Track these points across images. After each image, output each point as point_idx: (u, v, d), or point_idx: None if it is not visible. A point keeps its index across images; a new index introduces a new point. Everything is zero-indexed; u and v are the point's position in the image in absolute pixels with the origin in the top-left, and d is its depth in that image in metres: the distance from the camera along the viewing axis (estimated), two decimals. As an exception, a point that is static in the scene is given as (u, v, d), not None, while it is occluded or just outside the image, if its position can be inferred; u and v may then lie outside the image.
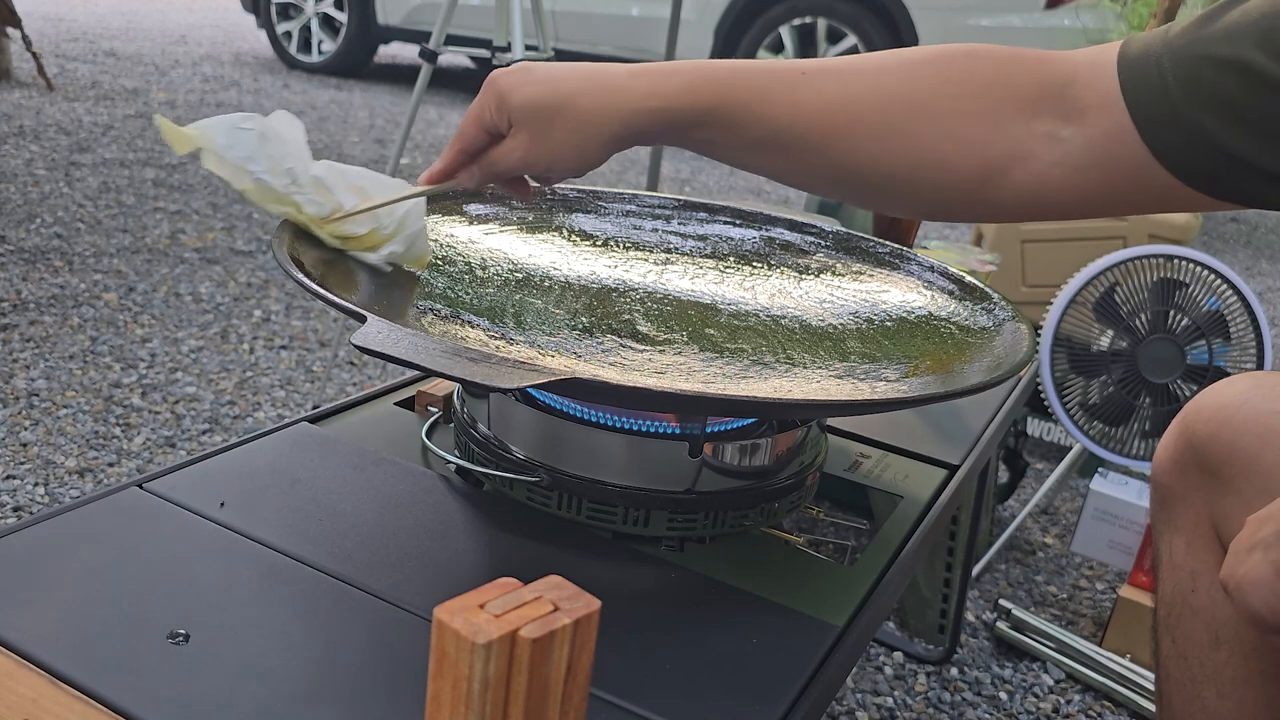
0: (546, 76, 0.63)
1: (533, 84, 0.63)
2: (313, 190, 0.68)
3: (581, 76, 0.63)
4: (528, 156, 0.65)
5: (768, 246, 0.94)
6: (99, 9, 6.98)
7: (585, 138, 0.63)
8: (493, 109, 0.65)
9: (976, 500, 1.22)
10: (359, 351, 0.75)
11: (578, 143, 0.64)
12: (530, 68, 0.65)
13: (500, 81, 0.64)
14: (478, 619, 0.37)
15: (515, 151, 0.65)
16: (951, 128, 0.60)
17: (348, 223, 0.69)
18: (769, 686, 0.55)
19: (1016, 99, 0.59)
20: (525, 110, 0.63)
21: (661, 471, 0.66)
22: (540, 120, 0.63)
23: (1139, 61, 0.57)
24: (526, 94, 0.63)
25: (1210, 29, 0.54)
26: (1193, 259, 1.42)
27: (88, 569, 0.57)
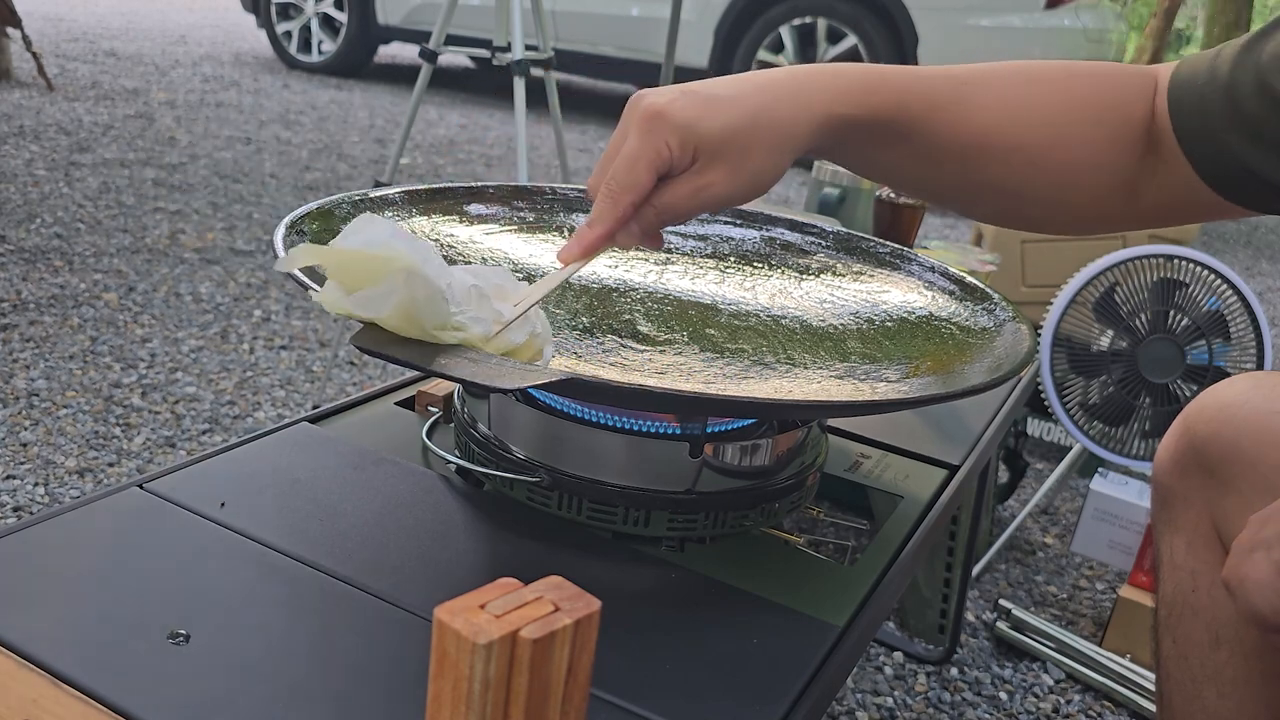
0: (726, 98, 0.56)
1: (719, 110, 0.56)
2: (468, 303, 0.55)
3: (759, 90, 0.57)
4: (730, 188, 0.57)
5: (768, 246, 0.94)
6: (99, 9, 6.98)
7: (785, 153, 0.58)
8: (674, 146, 0.55)
9: (976, 500, 1.22)
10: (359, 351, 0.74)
11: (777, 160, 0.58)
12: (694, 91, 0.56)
13: (675, 113, 0.55)
14: (478, 619, 0.37)
15: (715, 186, 0.57)
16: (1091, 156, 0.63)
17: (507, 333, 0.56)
18: (769, 686, 0.55)
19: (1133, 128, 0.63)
20: (719, 140, 0.56)
21: (662, 472, 0.66)
22: (739, 146, 0.56)
23: (1184, 86, 0.62)
24: (716, 122, 0.55)
25: (1245, 58, 0.59)
26: (1193, 259, 1.42)
27: (88, 569, 0.57)
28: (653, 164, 0.56)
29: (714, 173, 0.56)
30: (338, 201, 0.80)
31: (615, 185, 0.56)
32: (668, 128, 0.55)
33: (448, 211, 0.88)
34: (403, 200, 0.85)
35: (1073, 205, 0.65)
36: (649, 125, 0.55)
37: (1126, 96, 0.63)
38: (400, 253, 0.51)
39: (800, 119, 0.58)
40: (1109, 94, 0.63)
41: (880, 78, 0.61)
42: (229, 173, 3.16)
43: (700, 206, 0.58)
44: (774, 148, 0.57)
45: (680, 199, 0.57)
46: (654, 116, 0.55)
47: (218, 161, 3.27)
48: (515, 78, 1.67)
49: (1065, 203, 0.64)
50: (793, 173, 4.36)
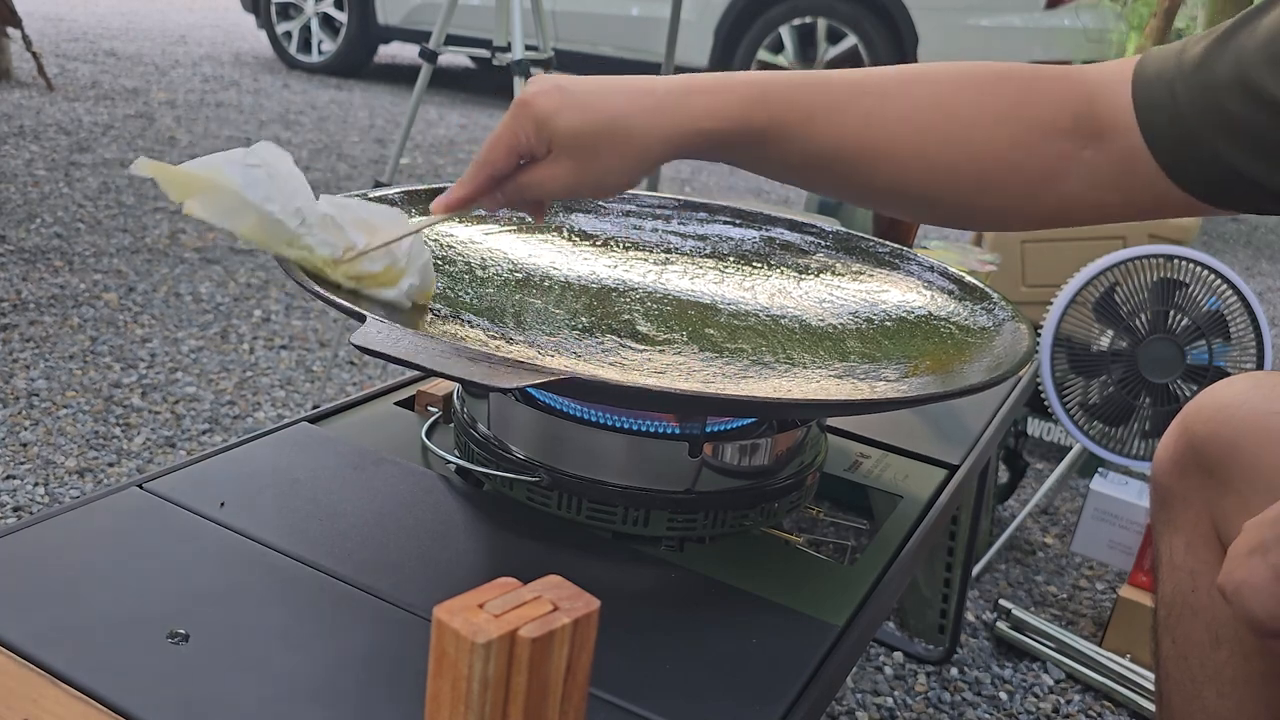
0: (588, 99, 0.60)
1: (576, 108, 0.59)
2: (322, 230, 0.64)
3: (626, 97, 0.60)
4: (573, 183, 0.61)
5: (767, 246, 0.95)
6: (99, 9, 6.98)
7: (635, 161, 0.61)
8: (530, 134, 0.60)
9: (976, 500, 1.22)
10: (359, 351, 0.74)
11: (627, 166, 0.61)
12: (564, 87, 0.60)
13: (537, 105, 0.60)
14: (477, 619, 0.37)
15: (559, 178, 0.61)
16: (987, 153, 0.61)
17: (362, 261, 0.65)
18: (769, 686, 0.55)
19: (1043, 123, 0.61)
20: (570, 136, 0.60)
21: (661, 471, 0.66)
22: (586, 146, 0.60)
23: (1152, 83, 0.59)
24: (570, 120, 0.59)
25: (1222, 51, 0.56)
26: (1193, 259, 1.42)
27: (88, 569, 0.57)
28: (510, 147, 0.61)
29: (560, 166, 0.61)
30: (337, 201, 0.80)
31: (479, 158, 0.63)
32: (528, 117, 0.60)
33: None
34: (403, 200, 0.85)
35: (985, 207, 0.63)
36: (515, 111, 0.61)
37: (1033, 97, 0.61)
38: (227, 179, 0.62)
39: (655, 134, 0.60)
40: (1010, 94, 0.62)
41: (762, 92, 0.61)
42: (229, 173, 3.16)
43: (547, 193, 0.63)
44: (623, 155, 0.60)
45: (531, 182, 0.63)
46: (521, 104, 0.60)
47: (218, 161, 3.27)
48: (515, 78, 1.67)
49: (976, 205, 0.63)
50: (793, 173, 4.35)
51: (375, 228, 0.65)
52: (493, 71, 6.03)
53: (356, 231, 0.65)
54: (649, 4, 4.68)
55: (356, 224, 0.65)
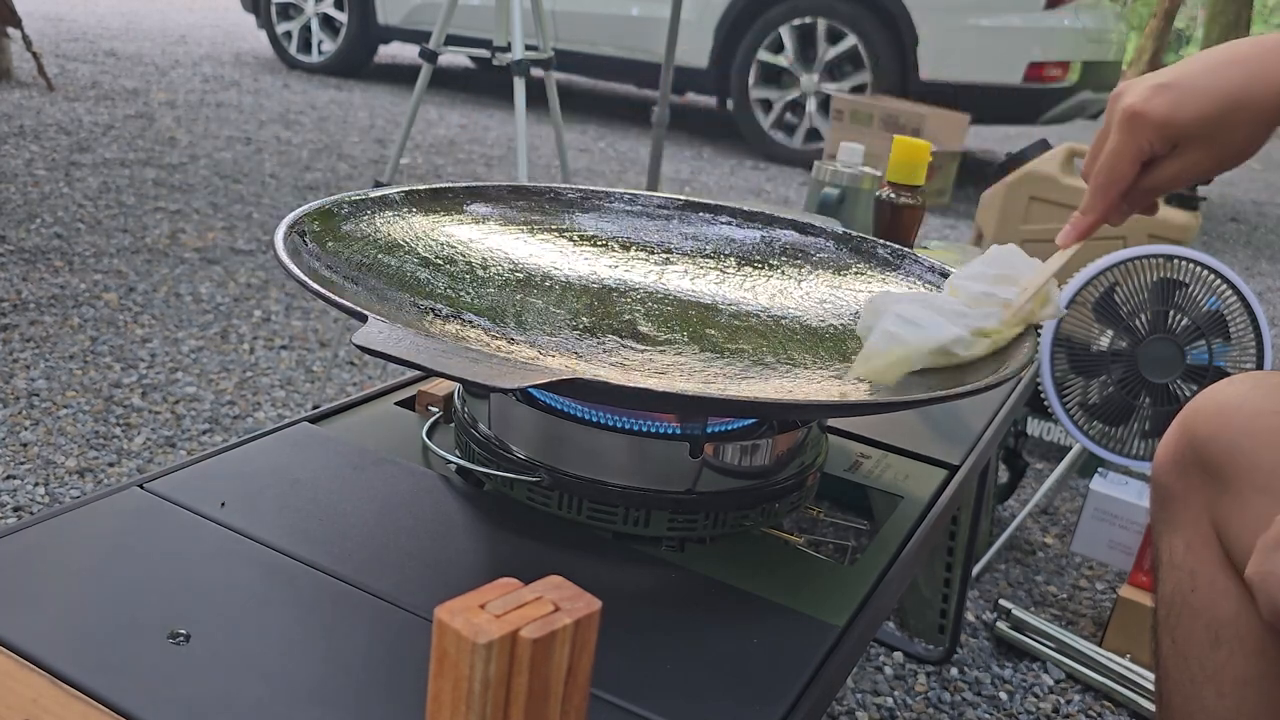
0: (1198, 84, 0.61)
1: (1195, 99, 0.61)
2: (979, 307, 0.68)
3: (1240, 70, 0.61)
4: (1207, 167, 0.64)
5: (768, 247, 0.95)
6: (99, 9, 6.98)
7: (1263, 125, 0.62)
8: (1154, 139, 0.63)
9: (976, 500, 1.22)
10: (359, 351, 0.75)
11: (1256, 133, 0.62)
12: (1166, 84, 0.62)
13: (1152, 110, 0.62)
14: (478, 619, 0.37)
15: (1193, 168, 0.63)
16: None
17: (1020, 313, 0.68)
18: (769, 686, 0.55)
19: None
20: (1198, 126, 0.62)
21: (662, 472, 0.66)
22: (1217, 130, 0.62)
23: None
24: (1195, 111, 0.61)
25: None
26: (1193, 259, 1.42)
27: (88, 569, 0.57)
28: (1135, 159, 0.64)
29: (1194, 154, 0.63)
30: (338, 201, 0.80)
31: (1102, 179, 0.65)
32: (1147, 125, 0.62)
33: (448, 211, 0.88)
34: (403, 200, 0.85)
35: None
36: (1129, 125, 0.63)
37: None
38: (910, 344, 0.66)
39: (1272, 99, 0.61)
40: None
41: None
42: (229, 173, 3.16)
43: (1184, 183, 0.65)
44: (1250, 124, 0.62)
45: (1165, 180, 0.65)
46: (1133, 116, 0.62)
47: (218, 161, 3.27)
48: (515, 78, 1.67)
49: None
50: (792, 172, 4.36)
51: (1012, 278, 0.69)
52: (493, 71, 6.03)
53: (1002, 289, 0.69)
54: (649, 4, 4.68)
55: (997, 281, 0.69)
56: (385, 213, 0.83)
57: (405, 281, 0.75)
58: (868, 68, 4.29)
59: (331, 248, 0.74)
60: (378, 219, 0.82)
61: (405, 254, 0.79)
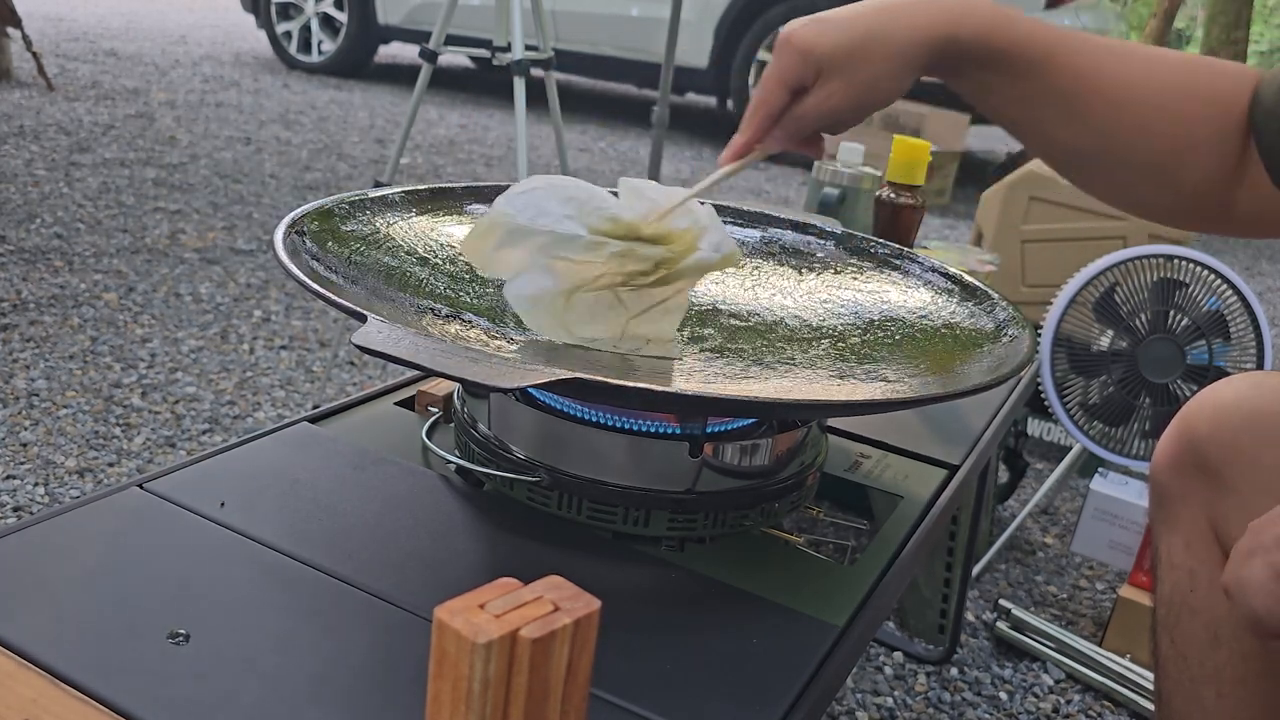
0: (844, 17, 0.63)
1: (835, 29, 0.63)
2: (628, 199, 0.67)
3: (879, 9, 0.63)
4: (846, 100, 0.64)
5: (768, 246, 0.95)
6: (99, 9, 6.98)
7: (900, 65, 0.64)
8: (797, 63, 0.64)
9: (976, 500, 1.22)
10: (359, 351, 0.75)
11: (893, 70, 0.64)
12: (819, 17, 0.64)
13: (797, 37, 0.64)
14: (478, 619, 0.37)
15: (832, 98, 0.64)
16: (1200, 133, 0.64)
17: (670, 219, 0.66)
18: (769, 686, 0.55)
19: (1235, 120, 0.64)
20: (835, 55, 0.63)
21: (662, 471, 0.66)
22: (852, 61, 0.63)
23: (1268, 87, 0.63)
24: (833, 39, 0.63)
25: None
26: (1193, 259, 1.42)
27: (88, 569, 0.57)
28: (781, 81, 0.65)
29: (830, 86, 0.64)
30: (338, 201, 0.80)
31: (754, 100, 0.66)
32: (793, 49, 0.64)
33: (448, 211, 0.88)
34: (403, 200, 0.85)
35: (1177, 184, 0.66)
36: (779, 50, 0.65)
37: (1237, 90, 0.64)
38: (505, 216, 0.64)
39: (915, 36, 0.63)
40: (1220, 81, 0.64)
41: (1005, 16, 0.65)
42: (229, 173, 3.16)
43: (824, 116, 0.65)
44: (888, 60, 0.63)
45: (808, 109, 0.65)
46: (782, 42, 0.64)
47: (218, 161, 3.27)
48: (515, 78, 1.67)
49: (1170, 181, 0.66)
50: (792, 172, 4.36)
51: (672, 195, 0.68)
52: (493, 71, 6.03)
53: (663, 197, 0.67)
54: (649, 4, 4.68)
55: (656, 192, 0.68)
56: (385, 213, 0.83)
57: (405, 281, 0.75)
58: (868, 68, 4.29)
59: (331, 248, 0.74)
60: (378, 219, 0.82)
61: (405, 254, 0.79)
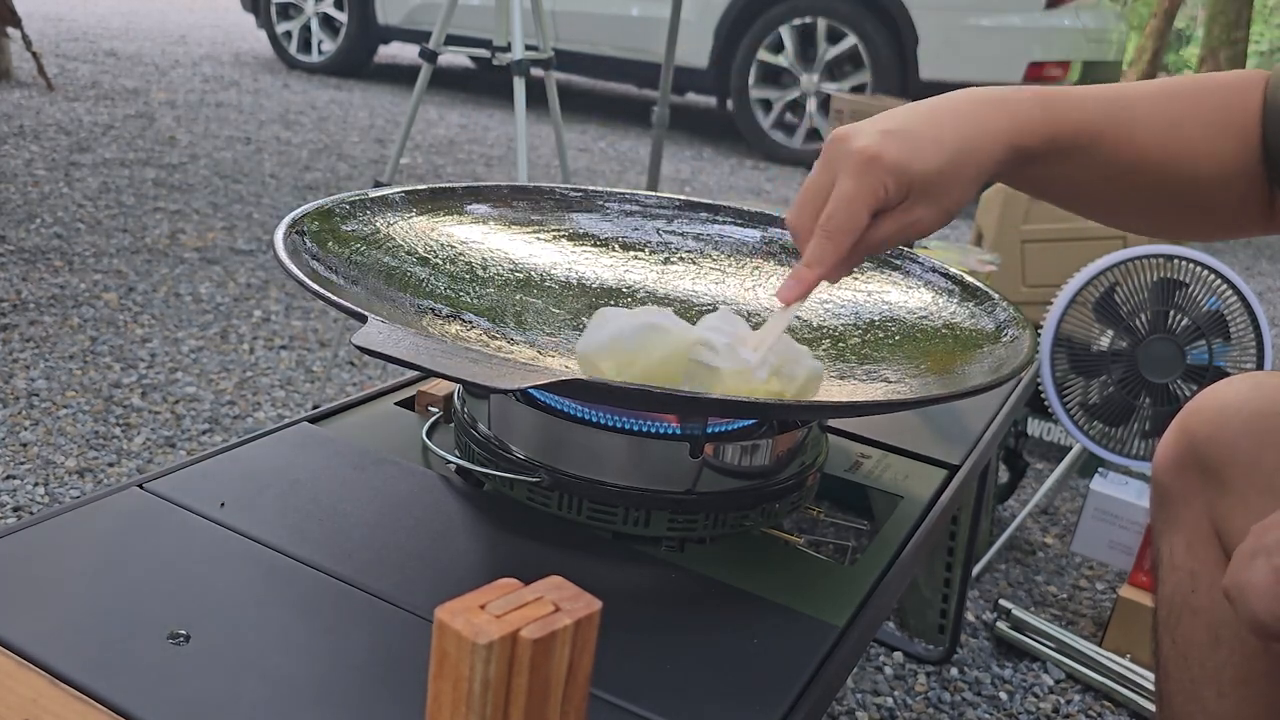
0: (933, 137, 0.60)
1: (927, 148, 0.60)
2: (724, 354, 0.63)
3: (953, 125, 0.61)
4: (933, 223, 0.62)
5: (768, 246, 0.95)
6: (99, 9, 6.98)
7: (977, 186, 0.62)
8: (891, 187, 0.59)
9: (976, 500, 1.22)
10: (359, 351, 0.74)
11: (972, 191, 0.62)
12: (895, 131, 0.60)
13: (887, 156, 0.59)
14: (479, 619, 0.37)
15: (921, 222, 0.61)
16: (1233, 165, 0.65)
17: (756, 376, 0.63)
18: (769, 686, 0.55)
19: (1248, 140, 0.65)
20: (930, 180, 0.60)
21: (662, 472, 0.66)
22: (944, 183, 0.60)
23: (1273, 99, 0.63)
24: (928, 162, 0.59)
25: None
26: (1193, 259, 1.42)
27: (88, 569, 0.57)
28: (871, 206, 0.59)
29: (921, 209, 0.61)
30: (338, 201, 0.80)
31: (834, 226, 0.60)
32: (884, 170, 0.59)
33: (448, 211, 0.88)
34: (403, 200, 0.85)
35: (1220, 210, 0.67)
36: (865, 169, 0.59)
37: (1246, 103, 0.65)
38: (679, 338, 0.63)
39: (993, 155, 0.61)
40: (1235, 102, 0.65)
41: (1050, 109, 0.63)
42: (229, 173, 3.16)
43: (906, 238, 0.62)
44: (972, 181, 0.61)
45: (889, 233, 0.61)
46: (869, 160, 0.59)
47: (218, 161, 3.27)
48: (515, 78, 1.66)
49: (1215, 209, 0.67)
50: (793, 172, 4.36)
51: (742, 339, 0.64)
52: (493, 71, 6.02)
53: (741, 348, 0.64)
54: (649, 4, 4.68)
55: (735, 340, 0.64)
56: (385, 213, 0.83)
57: (405, 281, 0.75)
58: (868, 67, 4.29)
59: (331, 248, 0.74)
60: (378, 219, 0.82)
61: (405, 254, 0.79)
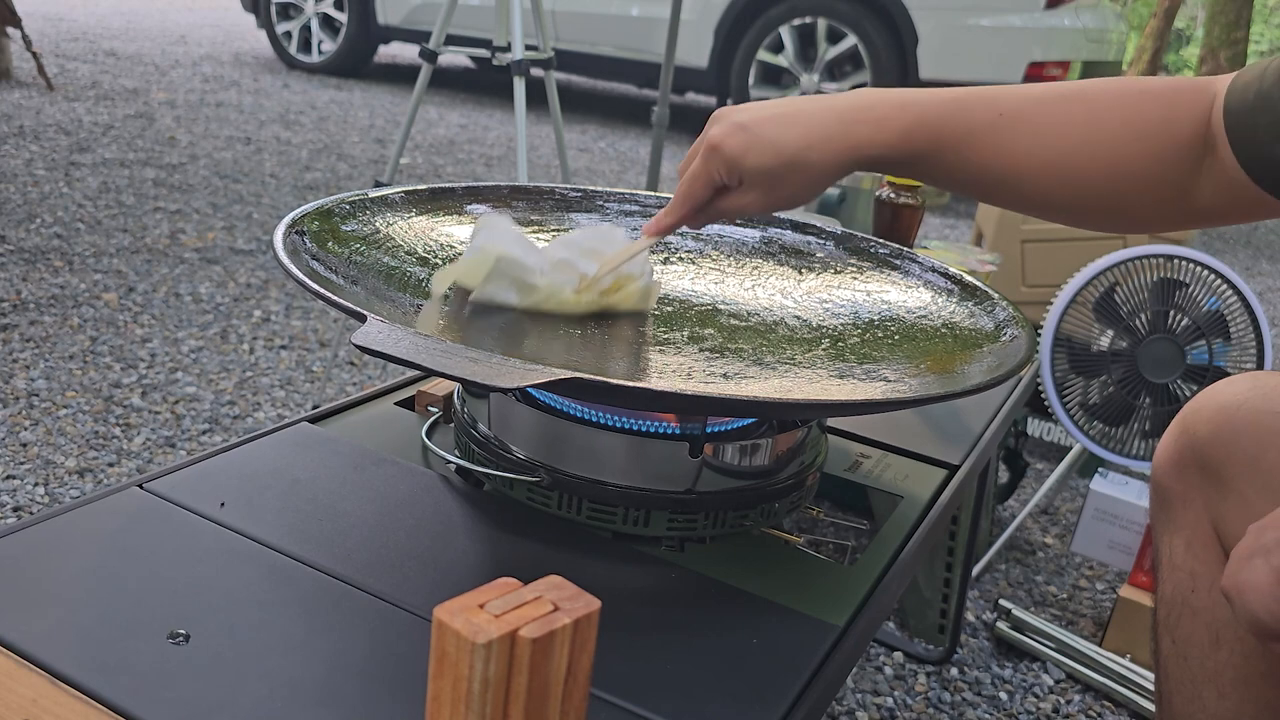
0: (769, 137, 0.68)
1: (760, 148, 0.68)
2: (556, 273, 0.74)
3: (801, 131, 0.68)
4: (762, 205, 0.72)
5: (768, 246, 0.94)
6: (99, 9, 6.98)
7: (813, 185, 0.70)
8: (723, 172, 0.70)
9: (976, 500, 1.22)
10: (359, 351, 0.75)
11: (806, 190, 0.71)
12: (746, 126, 0.69)
13: (727, 147, 0.69)
14: (478, 619, 0.37)
15: (751, 204, 0.71)
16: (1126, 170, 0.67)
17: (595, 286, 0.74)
18: (769, 686, 0.55)
19: (1179, 139, 0.66)
20: (758, 173, 0.69)
21: (662, 472, 0.66)
22: (773, 179, 0.69)
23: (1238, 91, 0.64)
24: (757, 160, 0.69)
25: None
26: (1193, 259, 1.42)
27: (88, 569, 0.57)
28: (707, 184, 0.71)
29: (751, 194, 0.71)
30: (338, 201, 0.80)
31: (681, 194, 0.73)
32: (721, 159, 0.70)
33: (448, 211, 0.88)
34: (403, 200, 0.85)
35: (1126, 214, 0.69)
36: (708, 154, 0.70)
37: (1175, 113, 0.66)
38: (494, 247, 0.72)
39: (831, 163, 0.69)
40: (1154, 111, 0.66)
41: (919, 116, 0.69)
42: (229, 173, 3.16)
43: (740, 214, 0.74)
44: (806, 185, 0.70)
45: (727, 208, 0.73)
46: (711, 149, 0.70)
47: (218, 161, 3.27)
48: (515, 78, 1.67)
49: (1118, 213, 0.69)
50: (793, 173, 4.35)
51: (599, 252, 0.75)
52: (493, 71, 6.03)
53: (586, 262, 0.74)
54: (649, 4, 4.68)
55: (584, 255, 0.75)
56: (385, 213, 0.83)
57: (405, 281, 0.75)
58: (868, 68, 4.29)
59: (331, 248, 0.74)
60: (378, 219, 0.82)
61: (405, 254, 0.79)
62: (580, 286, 0.74)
